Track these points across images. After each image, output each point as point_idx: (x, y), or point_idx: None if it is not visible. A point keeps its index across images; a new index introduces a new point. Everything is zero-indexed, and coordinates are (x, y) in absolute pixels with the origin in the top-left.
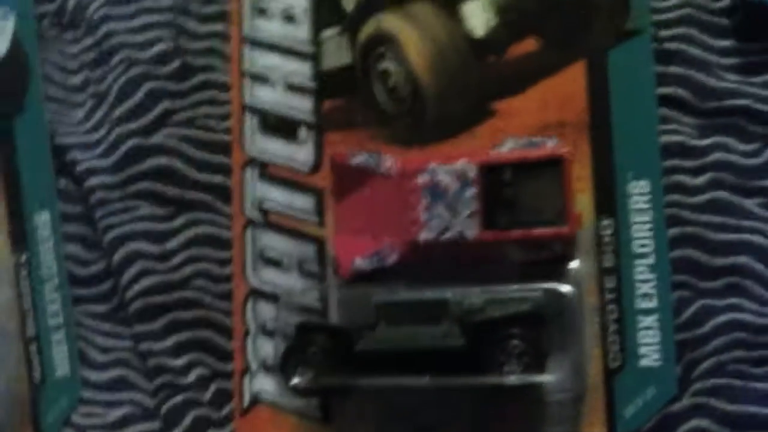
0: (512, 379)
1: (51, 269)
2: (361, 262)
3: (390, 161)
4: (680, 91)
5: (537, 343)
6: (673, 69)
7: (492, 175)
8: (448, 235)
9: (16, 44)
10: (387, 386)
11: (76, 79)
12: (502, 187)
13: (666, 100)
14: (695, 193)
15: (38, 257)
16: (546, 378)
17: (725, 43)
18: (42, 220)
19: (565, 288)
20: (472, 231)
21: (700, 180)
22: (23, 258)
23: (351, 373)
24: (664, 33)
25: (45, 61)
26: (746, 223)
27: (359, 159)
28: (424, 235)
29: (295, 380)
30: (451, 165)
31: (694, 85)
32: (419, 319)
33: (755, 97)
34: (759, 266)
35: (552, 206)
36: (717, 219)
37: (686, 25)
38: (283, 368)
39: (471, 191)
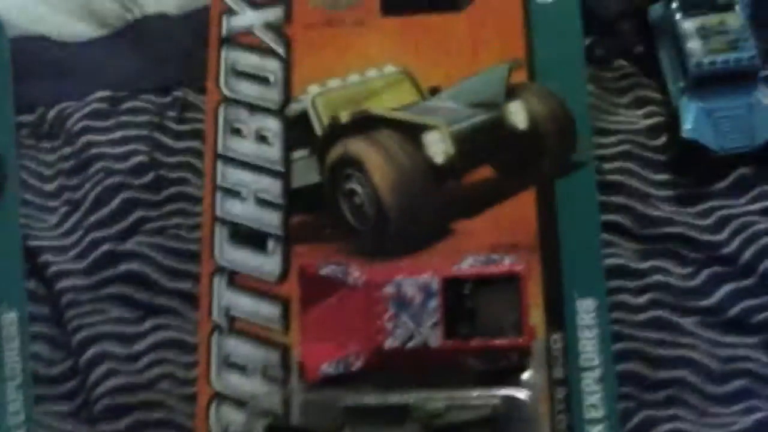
0: None
1: (14, 369)
2: (327, 368)
3: (356, 272)
4: (621, 219)
5: None
6: (615, 198)
7: (454, 288)
8: (412, 343)
9: None
10: None
11: (51, 186)
12: (463, 300)
13: (608, 226)
14: (637, 311)
15: (2, 356)
16: None
17: (662, 176)
18: (8, 319)
19: (522, 395)
20: (434, 340)
21: (642, 299)
22: None
23: None
24: (607, 166)
25: (22, 167)
26: (684, 339)
27: (327, 270)
28: (389, 343)
29: None
30: (416, 278)
31: (633, 214)
32: (384, 422)
33: (688, 225)
34: (695, 379)
35: (509, 318)
36: (657, 336)
37: (626, 160)
38: None
39: (434, 303)
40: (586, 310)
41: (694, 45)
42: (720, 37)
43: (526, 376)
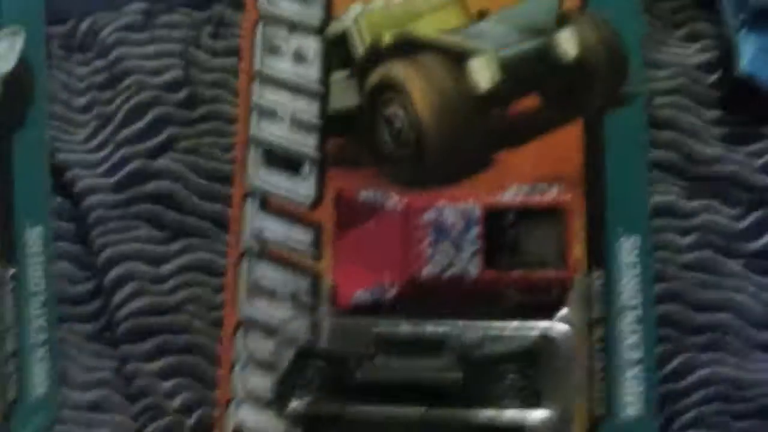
0: (509, 413)
1: (38, 285)
2: (361, 294)
3: (396, 198)
4: (670, 156)
5: (533, 381)
6: (665, 134)
7: (496, 217)
8: (450, 271)
9: (22, 61)
10: (384, 416)
11: (82, 100)
12: (505, 230)
13: (657, 163)
14: (682, 251)
15: (26, 272)
16: (541, 414)
17: (714, 113)
18: (33, 235)
19: (561, 330)
20: (474, 270)
21: (687, 240)
22: (9, 272)
23: (349, 401)
24: (658, 101)
25: (52, 80)
26: (728, 282)
27: (365, 194)
28: (427, 271)
29: (293, 404)
30: (457, 205)
31: (683, 151)
32: (418, 352)
33: (740, 164)
34: (738, 323)
35: (551, 251)
36: (701, 277)
37: (678, 95)
38: (279, 392)
39: (475, 231)
40: (628, 248)
41: None
42: None
43: (564, 312)
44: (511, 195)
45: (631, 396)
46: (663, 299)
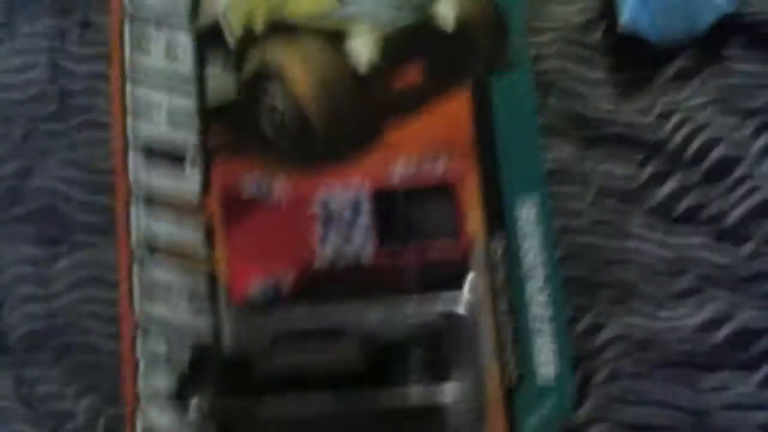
0: (418, 390)
1: None
2: (255, 290)
3: (280, 189)
4: (559, 120)
5: (439, 355)
6: (551, 99)
7: (384, 200)
8: (343, 260)
9: None
10: (291, 406)
11: None
12: (395, 212)
13: (547, 128)
14: (580, 215)
15: None
16: (451, 387)
17: (599, 74)
18: None
19: (463, 298)
20: (367, 253)
21: (584, 203)
22: None
23: (255, 396)
24: (542, 66)
25: None
26: (629, 242)
27: (249, 188)
28: (320, 260)
29: (194, 402)
30: (344, 192)
31: (571, 114)
32: (318, 344)
33: (629, 123)
34: (643, 279)
35: (445, 224)
36: (602, 238)
37: (561, 58)
38: (179, 392)
39: (364, 218)
40: (527, 212)
41: None
42: None
43: (467, 285)
44: (400, 171)
45: (545, 356)
46: (567, 258)
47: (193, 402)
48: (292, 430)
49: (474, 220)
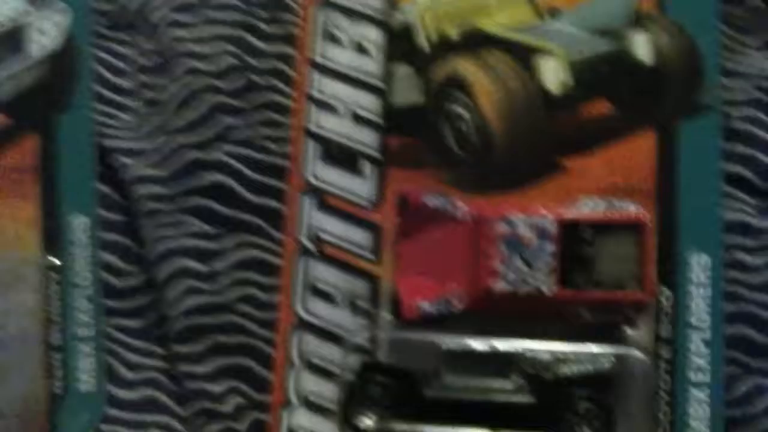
0: None
1: (85, 277)
2: (426, 306)
3: (464, 206)
4: (745, 171)
5: (607, 407)
6: (740, 148)
7: (571, 232)
8: (524, 288)
9: (70, 40)
10: None
11: (130, 83)
12: (581, 246)
13: (731, 178)
14: (753, 272)
15: (71, 264)
16: None
17: None
18: (79, 224)
19: (638, 355)
20: (548, 287)
21: (760, 260)
22: (55, 262)
23: (416, 419)
24: (734, 113)
25: (97, 60)
26: None
27: (432, 200)
28: (500, 287)
29: (364, 422)
30: (531, 218)
31: (759, 166)
32: (486, 370)
33: None
34: None
35: (629, 270)
36: None
37: (755, 107)
38: (345, 405)
39: (550, 247)
40: (699, 266)
41: None
42: None
43: (632, 333)
44: (585, 208)
45: (697, 420)
46: (732, 320)
47: (360, 419)
48: None
49: (653, 271)
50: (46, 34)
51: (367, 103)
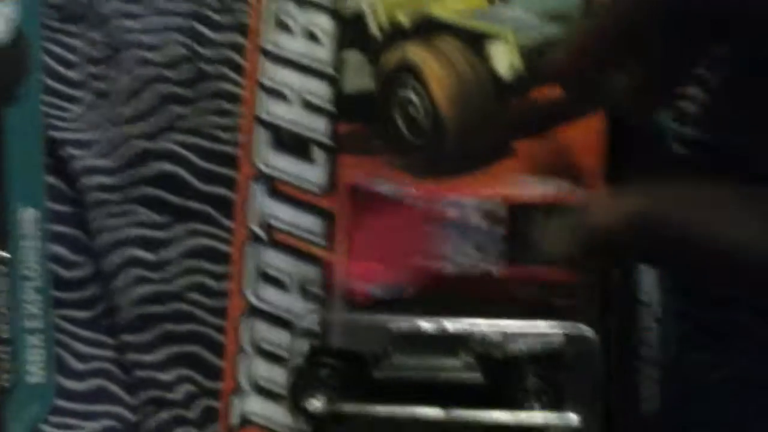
0: (535, 416)
1: (32, 269)
2: (377, 290)
3: (414, 191)
4: None
5: (557, 384)
6: None
7: (521, 215)
8: (473, 271)
9: (17, 32)
10: (402, 416)
11: (77, 74)
12: (531, 228)
13: None
14: None
15: (19, 256)
16: (570, 418)
17: None
18: (27, 217)
19: (587, 331)
20: (496, 268)
21: None
22: (4, 255)
23: (366, 400)
24: None
25: (46, 52)
26: None
27: (382, 185)
28: (449, 269)
29: (313, 404)
30: (480, 201)
31: None
32: (437, 351)
33: None
34: None
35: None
36: None
37: None
38: (294, 389)
39: (500, 230)
40: None
41: None
42: None
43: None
44: (537, 190)
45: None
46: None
47: (309, 402)
48: None
49: None
50: None
51: (319, 90)
